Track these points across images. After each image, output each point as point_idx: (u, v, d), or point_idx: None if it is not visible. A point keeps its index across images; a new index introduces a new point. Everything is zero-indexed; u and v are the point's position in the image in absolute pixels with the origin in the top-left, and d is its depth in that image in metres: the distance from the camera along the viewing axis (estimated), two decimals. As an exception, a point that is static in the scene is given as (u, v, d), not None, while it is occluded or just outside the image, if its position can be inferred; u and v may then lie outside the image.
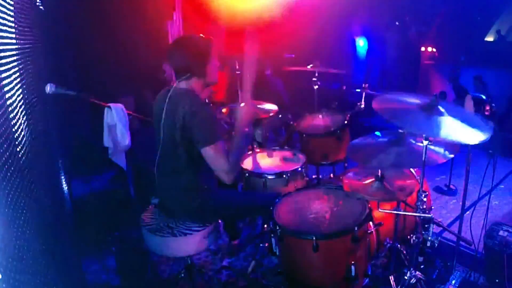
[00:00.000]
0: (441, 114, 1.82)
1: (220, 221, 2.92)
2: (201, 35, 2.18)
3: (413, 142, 2.09)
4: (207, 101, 3.49)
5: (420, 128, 1.77)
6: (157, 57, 5.30)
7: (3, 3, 1.61)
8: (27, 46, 2.03)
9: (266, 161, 2.98)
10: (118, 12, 4.99)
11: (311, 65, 3.39)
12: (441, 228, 2.21)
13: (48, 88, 2.61)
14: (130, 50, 5.17)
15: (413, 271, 2.25)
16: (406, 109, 1.88)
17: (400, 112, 1.87)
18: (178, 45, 2.19)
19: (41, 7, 2.67)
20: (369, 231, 2.14)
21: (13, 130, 1.47)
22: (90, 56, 4.82)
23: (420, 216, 2.04)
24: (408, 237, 2.16)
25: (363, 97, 3.25)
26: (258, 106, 3.35)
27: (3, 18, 1.63)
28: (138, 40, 5.27)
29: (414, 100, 1.94)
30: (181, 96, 2.11)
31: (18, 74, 1.79)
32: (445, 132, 1.73)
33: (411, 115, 1.84)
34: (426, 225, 2.04)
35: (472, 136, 1.72)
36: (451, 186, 3.94)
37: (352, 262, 1.97)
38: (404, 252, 2.53)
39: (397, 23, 6.83)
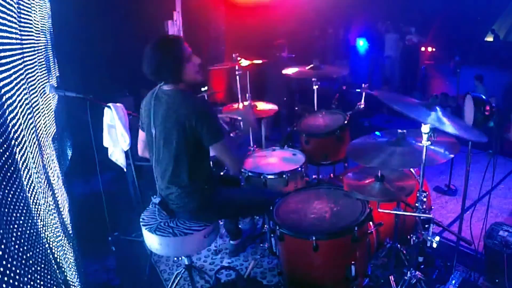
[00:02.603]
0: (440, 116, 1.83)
1: (220, 221, 2.93)
2: (170, 35, 2.12)
3: (413, 142, 2.09)
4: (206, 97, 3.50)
5: (422, 116, 1.78)
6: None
7: (3, 3, 1.61)
8: (28, 47, 2.03)
9: (266, 161, 2.98)
10: (118, 12, 4.99)
11: (311, 65, 3.38)
12: (441, 228, 2.21)
13: (48, 89, 2.62)
14: (130, 50, 5.16)
15: (413, 271, 2.25)
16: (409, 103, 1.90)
17: (403, 102, 1.89)
18: (150, 51, 2.05)
19: (41, 12, 2.67)
20: (369, 231, 2.14)
21: (13, 130, 1.47)
22: (90, 56, 4.82)
23: (420, 216, 2.04)
24: (408, 237, 2.16)
25: (363, 97, 3.25)
26: (259, 106, 3.35)
27: (4, 19, 1.63)
28: (138, 40, 5.26)
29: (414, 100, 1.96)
30: (175, 97, 2.07)
31: (18, 74, 1.79)
32: (447, 126, 1.74)
33: (413, 106, 1.85)
34: (426, 225, 2.04)
35: (472, 134, 1.72)
36: (451, 186, 3.94)
37: (352, 262, 1.97)
38: (404, 252, 2.53)
39: (388, 22, 6.84)
